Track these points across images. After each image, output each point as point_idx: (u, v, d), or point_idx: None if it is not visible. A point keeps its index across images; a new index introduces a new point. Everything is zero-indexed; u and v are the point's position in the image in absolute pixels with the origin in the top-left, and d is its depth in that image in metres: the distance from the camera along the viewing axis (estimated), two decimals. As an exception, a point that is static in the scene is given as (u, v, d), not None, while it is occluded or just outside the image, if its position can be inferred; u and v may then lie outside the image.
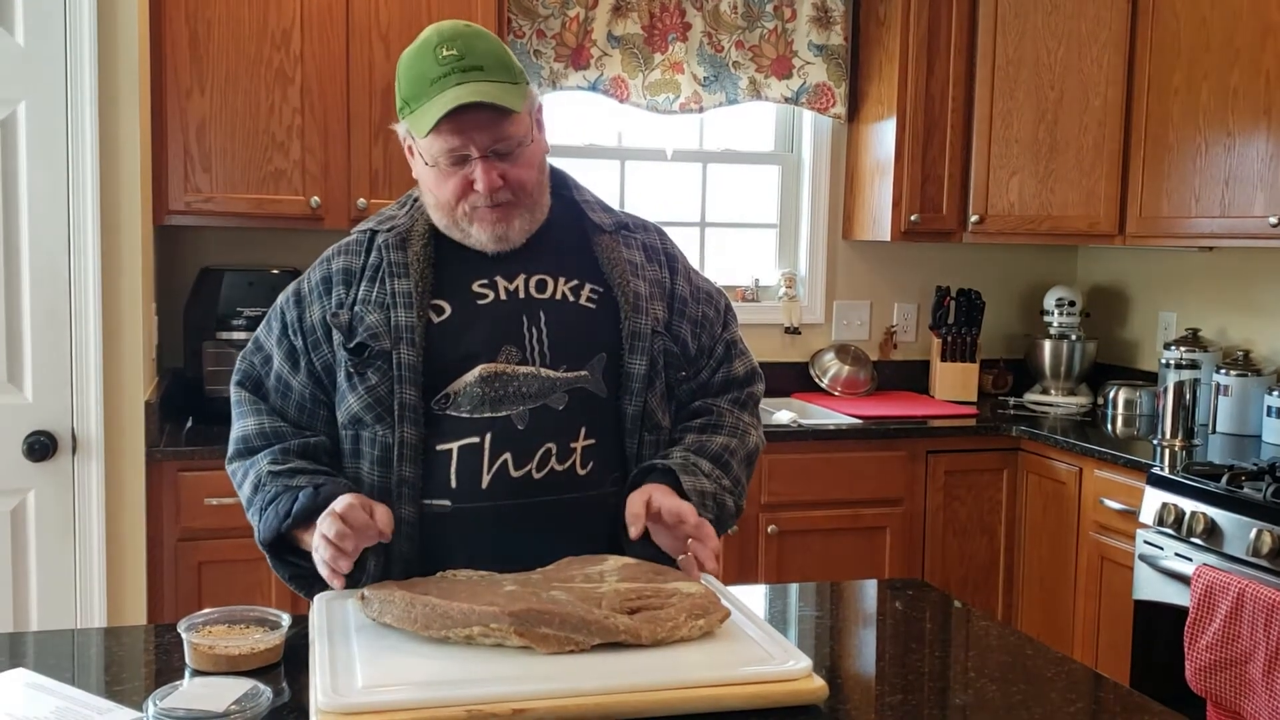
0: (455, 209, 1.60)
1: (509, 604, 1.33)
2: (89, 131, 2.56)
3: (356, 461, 1.62)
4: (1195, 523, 2.66)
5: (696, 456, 1.66)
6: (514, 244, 1.63)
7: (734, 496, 1.69)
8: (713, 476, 1.65)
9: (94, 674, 1.44)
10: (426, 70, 1.53)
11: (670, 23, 3.67)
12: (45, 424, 2.59)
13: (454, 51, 1.53)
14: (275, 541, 1.58)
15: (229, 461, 1.69)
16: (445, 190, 1.59)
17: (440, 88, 1.51)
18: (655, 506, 1.53)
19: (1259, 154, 3.02)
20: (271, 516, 1.56)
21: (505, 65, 1.57)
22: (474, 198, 1.58)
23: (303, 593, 1.62)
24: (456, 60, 1.52)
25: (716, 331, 1.79)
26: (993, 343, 4.17)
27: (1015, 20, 3.59)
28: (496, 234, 1.61)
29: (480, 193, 1.56)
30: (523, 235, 1.64)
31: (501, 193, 1.58)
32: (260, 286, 3.10)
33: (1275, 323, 3.45)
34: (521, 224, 1.62)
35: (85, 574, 2.64)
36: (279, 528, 1.55)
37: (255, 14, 3.06)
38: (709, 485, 1.63)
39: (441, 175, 1.58)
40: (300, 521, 1.54)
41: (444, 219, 1.63)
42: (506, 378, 1.58)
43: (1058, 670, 1.47)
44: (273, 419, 1.65)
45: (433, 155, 1.57)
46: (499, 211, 1.59)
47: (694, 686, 1.26)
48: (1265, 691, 2.36)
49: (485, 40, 1.57)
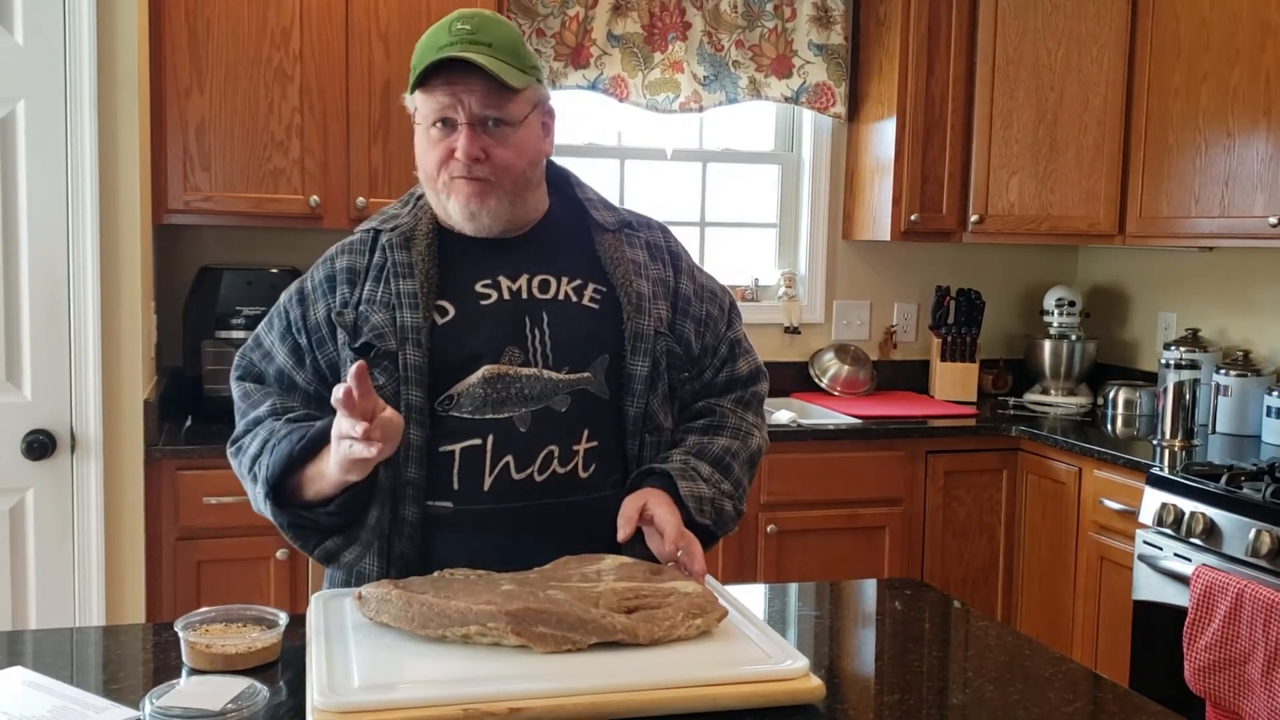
0: (437, 179, 1.60)
1: (506, 603, 1.33)
2: (88, 130, 2.56)
3: None
4: (1194, 523, 2.66)
5: (696, 460, 1.66)
6: (488, 228, 1.62)
7: (733, 501, 1.68)
8: (711, 481, 1.64)
9: (92, 673, 1.44)
10: (437, 40, 1.56)
11: (670, 22, 3.67)
12: (44, 423, 2.59)
13: (467, 26, 1.56)
14: (280, 487, 1.53)
15: (232, 441, 1.64)
16: (430, 158, 1.60)
17: (443, 53, 1.54)
18: (649, 514, 1.54)
19: (1259, 154, 3.01)
20: (284, 446, 1.51)
21: (514, 51, 1.58)
22: (453, 165, 1.58)
23: (300, 545, 1.57)
24: (468, 34, 1.55)
25: (720, 330, 1.79)
26: (992, 343, 4.17)
27: (1015, 20, 3.59)
28: (469, 209, 1.59)
29: (459, 160, 1.56)
30: (496, 221, 1.62)
31: (480, 166, 1.57)
32: (259, 286, 3.10)
33: (1275, 323, 3.45)
34: (497, 207, 1.61)
35: (84, 573, 2.64)
36: (290, 453, 1.50)
37: (255, 13, 3.06)
38: (707, 490, 1.63)
39: (430, 142, 1.59)
40: (315, 445, 1.49)
41: (431, 193, 1.64)
42: (509, 379, 1.58)
43: (1056, 670, 1.47)
44: (283, 400, 1.63)
45: (423, 114, 1.58)
46: (475, 186, 1.58)
47: (691, 686, 1.26)
48: (1264, 692, 2.36)
49: (502, 25, 1.60)
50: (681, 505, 1.58)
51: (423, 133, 1.60)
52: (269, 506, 1.55)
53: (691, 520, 1.58)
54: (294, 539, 1.58)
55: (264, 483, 1.53)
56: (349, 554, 1.56)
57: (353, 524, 1.54)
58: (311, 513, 1.53)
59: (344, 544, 1.56)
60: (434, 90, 1.55)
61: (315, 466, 1.50)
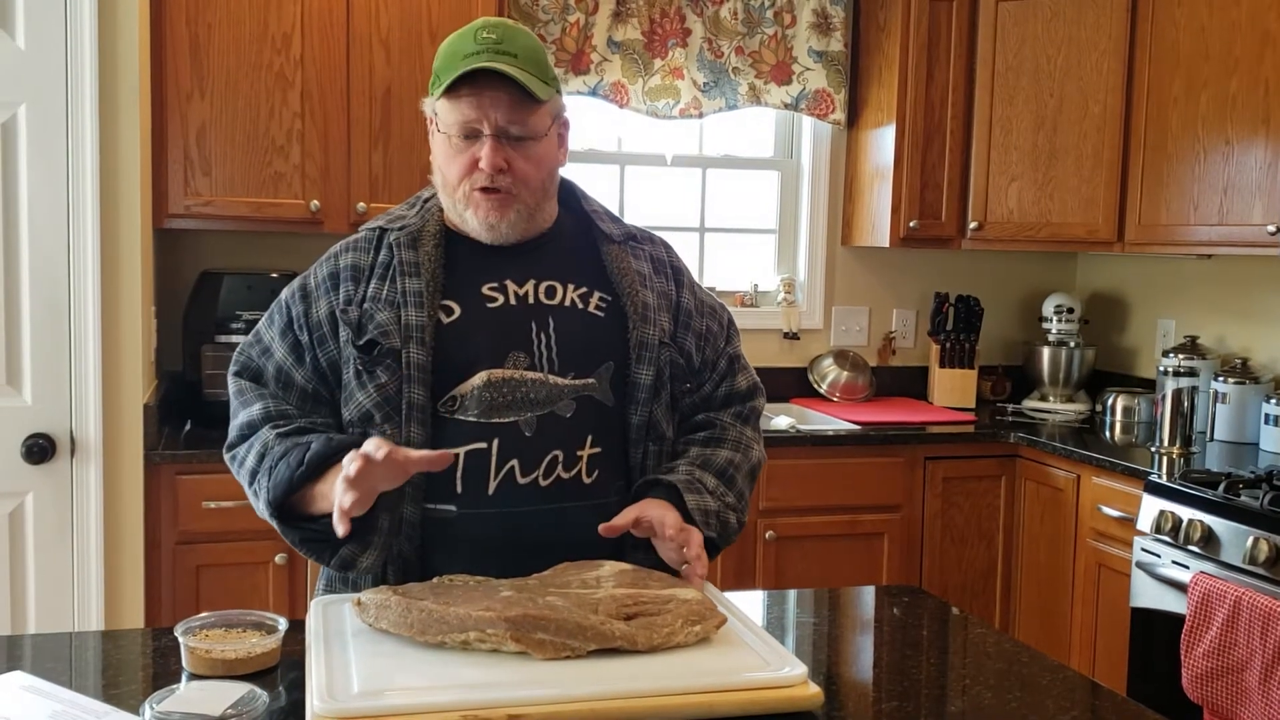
0: (457, 189, 1.61)
1: (505, 609, 1.33)
2: (89, 135, 2.56)
3: None
4: (1192, 530, 2.66)
5: (701, 472, 1.66)
6: (505, 238, 1.64)
7: (736, 514, 1.69)
8: (717, 493, 1.65)
9: (91, 677, 1.44)
10: (463, 47, 1.57)
11: (670, 28, 3.68)
12: (44, 426, 2.59)
13: (493, 35, 1.57)
14: (284, 506, 1.54)
15: (228, 449, 1.64)
16: (452, 168, 1.61)
17: (470, 62, 1.54)
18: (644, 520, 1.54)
19: (1257, 162, 3.02)
20: (283, 470, 1.52)
21: (539, 62, 1.60)
22: (476, 176, 1.59)
23: (315, 557, 1.57)
24: (494, 43, 1.56)
25: (720, 345, 1.81)
26: (991, 349, 4.17)
27: (1015, 27, 3.60)
28: (489, 221, 1.61)
29: (483, 170, 1.57)
30: (515, 232, 1.64)
31: (502, 177, 1.58)
32: (260, 290, 3.10)
33: (1273, 330, 3.46)
34: (516, 219, 1.62)
35: (83, 577, 2.64)
36: (291, 479, 1.50)
37: (256, 18, 3.06)
38: (713, 504, 1.63)
39: (452, 150, 1.60)
40: (314, 470, 1.50)
41: (448, 200, 1.65)
42: (514, 383, 1.58)
43: (1053, 678, 1.47)
44: (278, 403, 1.63)
45: (448, 124, 1.59)
46: (496, 198, 1.60)
47: (689, 693, 1.26)
48: (1261, 699, 2.36)
49: (526, 36, 1.61)
50: (689, 519, 1.59)
51: (444, 140, 1.61)
52: (277, 525, 1.56)
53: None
54: (308, 554, 1.58)
55: (267, 504, 1.54)
56: (365, 559, 1.55)
57: (365, 531, 1.53)
58: (319, 525, 1.53)
59: (359, 550, 1.54)
60: (460, 100, 1.56)
61: (318, 486, 1.51)
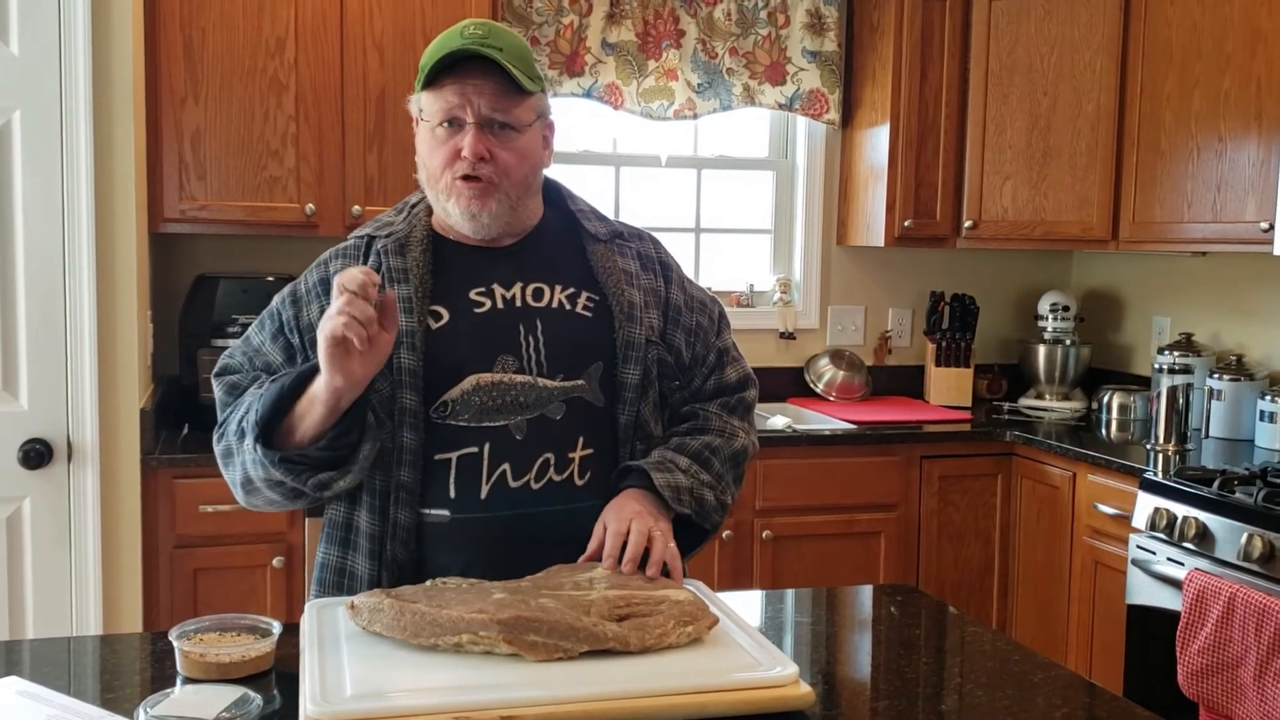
0: (440, 179, 1.62)
1: (498, 612, 1.33)
2: (84, 140, 2.57)
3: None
4: (1187, 527, 2.67)
5: (675, 454, 1.67)
6: (487, 230, 1.64)
7: (715, 491, 1.68)
8: (689, 472, 1.66)
9: (88, 682, 1.44)
10: (449, 43, 1.58)
11: (664, 30, 3.68)
12: (40, 432, 2.60)
13: (479, 32, 1.59)
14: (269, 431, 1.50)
15: (218, 427, 1.61)
16: (435, 158, 1.61)
17: (455, 53, 1.56)
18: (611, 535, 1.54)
19: (1250, 159, 3.03)
20: (273, 388, 1.51)
21: (524, 59, 1.61)
22: (458, 165, 1.59)
23: (291, 479, 1.51)
24: (480, 38, 1.58)
25: (710, 340, 1.81)
26: (987, 348, 4.18)
27: (1008, 26, 3.60)
28: (470, 210, 1.61)
29: (465, 158, 1.58)
30: (497, 224, 1.64)
31: (484, 165, 1.59)
32: (255, 294, 3.10)
33: (1268, 327, 3.46)
34: (498, 209, 1.62)
35: (80, 581, 2.64)
36: (281, 390, 1.49)
37: (250, 22, 3.07)
38: (684, 480, 1.64)
39: (435, 141, 1.61)
40: (303, 382, 1.49)
41: (431, 192, 1.65)
42: (503, 387, 1.59)
43: (1045, 676, 1.47)
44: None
45: (430, 112, 1.60)
46: (477, 187, 1.60)
47: (681, 693, 1.26)
48: (1256, 696, 2.37)
49: (512, 36, 1.63)
50: (658, 496, 1.59)
51: (428, 131, 1.62)
52: (258, 450, 1.49)
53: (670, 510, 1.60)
54: (285, 474, 1.51)
55: (254, 426, 1.50)
56: (343, 482, 1.53)
57: (345, 460, 1.53)
58: (302, 451, 1.51)
59: (337, 475, 1.53)
60: (444, 88, 1.58)
61: (304, 401, 1.49)
